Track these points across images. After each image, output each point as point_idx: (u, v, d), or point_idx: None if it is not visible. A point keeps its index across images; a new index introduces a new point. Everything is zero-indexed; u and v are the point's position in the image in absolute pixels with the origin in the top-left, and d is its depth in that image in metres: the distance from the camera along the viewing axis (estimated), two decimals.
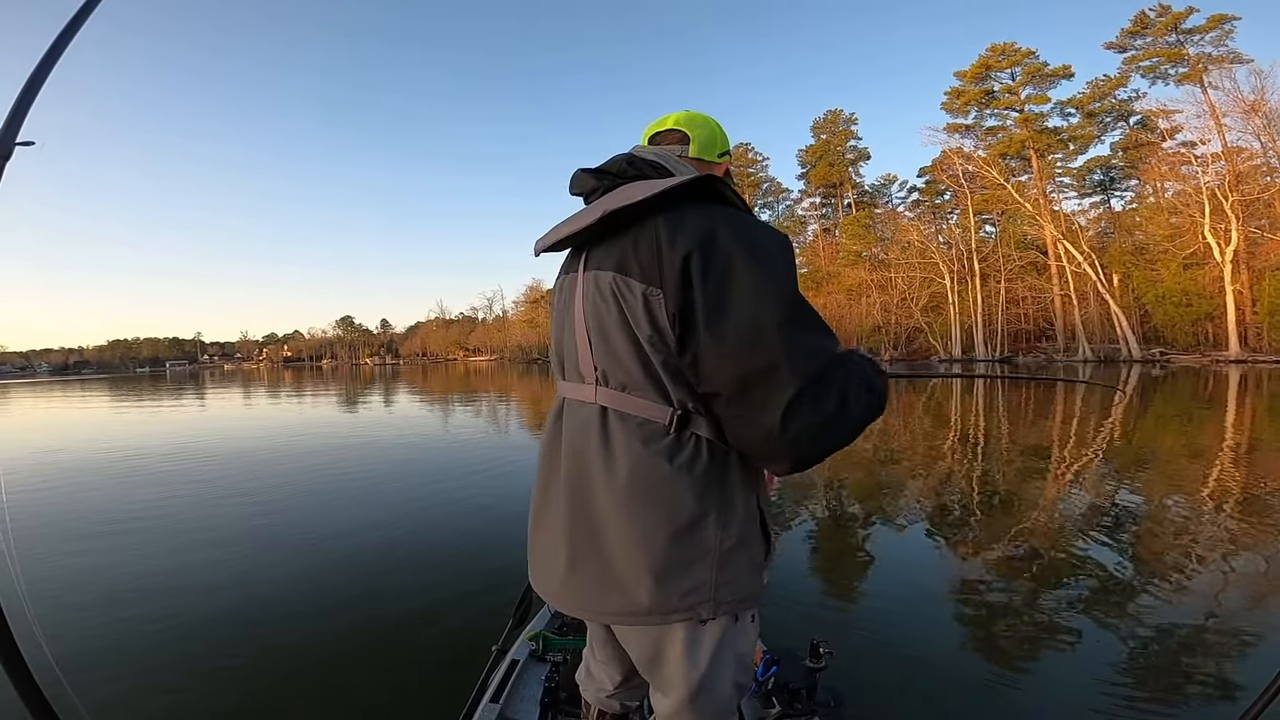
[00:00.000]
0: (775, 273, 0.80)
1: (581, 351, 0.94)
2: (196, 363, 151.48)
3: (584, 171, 1.01)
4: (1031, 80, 33.57)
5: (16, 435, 11.71)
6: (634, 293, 0.85)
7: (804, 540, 4.02)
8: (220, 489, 5.93)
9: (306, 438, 9.76)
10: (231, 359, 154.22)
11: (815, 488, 5.38)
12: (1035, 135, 32.64)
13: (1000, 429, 8.86)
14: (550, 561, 0.97)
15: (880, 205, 47.45)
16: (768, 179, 58.31)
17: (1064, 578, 3.16)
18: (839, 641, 1.80)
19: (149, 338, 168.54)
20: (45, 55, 0.98)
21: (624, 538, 0.87)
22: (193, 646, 2.62)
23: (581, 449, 0.92)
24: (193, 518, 4.80)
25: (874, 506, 4.83)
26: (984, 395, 14.42)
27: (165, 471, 6.83)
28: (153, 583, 3.37)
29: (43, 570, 3.59)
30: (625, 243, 0.88)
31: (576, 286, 0.96)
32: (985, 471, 6.11)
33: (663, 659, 0.95)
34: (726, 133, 1.13)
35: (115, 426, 12.65)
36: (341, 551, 3.85)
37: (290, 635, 2.69)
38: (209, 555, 3.83)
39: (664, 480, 0.86)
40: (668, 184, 0.85)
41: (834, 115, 51.31)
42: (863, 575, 3.40)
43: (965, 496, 5.05)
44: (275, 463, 7.42)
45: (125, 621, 2.88)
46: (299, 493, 5.67)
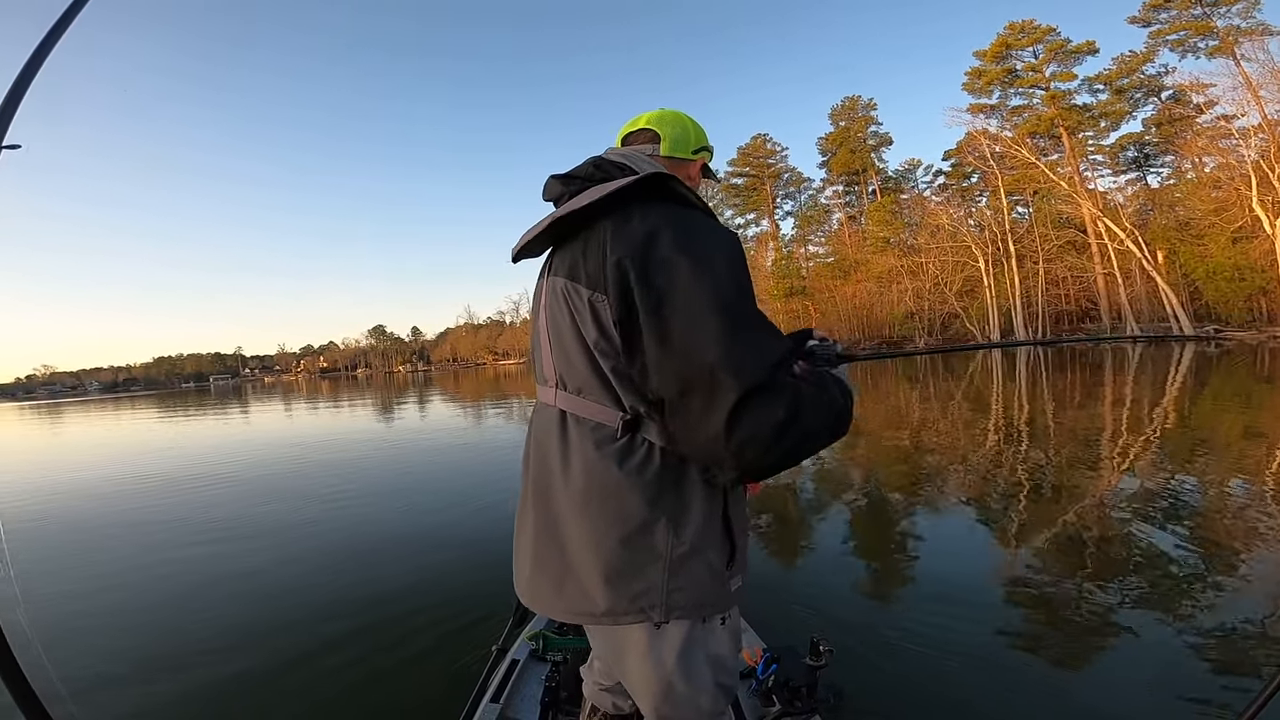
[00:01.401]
0: (714, 276, 0.77)
1: (544, 356, 0.96)
2: (238, 376, 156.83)
3: (554, 178, 1.00)
4: (1055, 57, 32.37)
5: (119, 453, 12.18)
6: (582, 299, 0.85)
7: (802, 534, 4.01)
8: (231, 495, 6.07)
9: (327, 441, 10.06)
10: (271, 371, 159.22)
11: (812, 481, 5.36)
12: (1064, 112, 31.48)
13: (1039, 413, 8.49)
14: (523, 557, 0.99)
15: (905, 191, 46.33)
16: (788, 169, 57.46)
17: (1076, 571, 3.06)
18: (839, 639, 1.79)
19: (192, 354, 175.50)
20: (30, 58, 0.97)
21: (579, 538, 0.88)
22: (187, 645, 2.66)
23: (545, 451, 0.94)
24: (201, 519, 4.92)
25: (877, 499, 4.76)
26: (1027, 378, 13.94)
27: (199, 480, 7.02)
28: (146, 589, 3.46)
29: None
30: (577, 248, 0.88)
31: (543, 292, 0.98)
32: (1006, 459, 5.88)
33: (624, 660, 0.96)
34: (703, 128, 1.12)
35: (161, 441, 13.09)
36: (342, 551, 3.86)
37: (290, 635, 2.70)
38: (207, 551, 3.93)
39: (614, 484, 0.86)
40: (613, 185, 0.84)
41: (852, 101, 50.29)
42: (863, 572, 3.37)
43: (977, 489, 4.87)
44: (275, 470, 7.59)
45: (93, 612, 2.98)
46: (294, 495, 5.78)
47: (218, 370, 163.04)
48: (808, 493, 5.06)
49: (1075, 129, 31.72)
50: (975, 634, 2.49)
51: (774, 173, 57.86)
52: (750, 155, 58.33)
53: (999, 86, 34.16)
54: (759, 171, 57.98)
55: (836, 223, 52.06)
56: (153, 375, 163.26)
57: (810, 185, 56.45)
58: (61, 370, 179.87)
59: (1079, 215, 28.90)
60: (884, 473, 5.64)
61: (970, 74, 35.24)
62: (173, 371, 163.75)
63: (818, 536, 4.01)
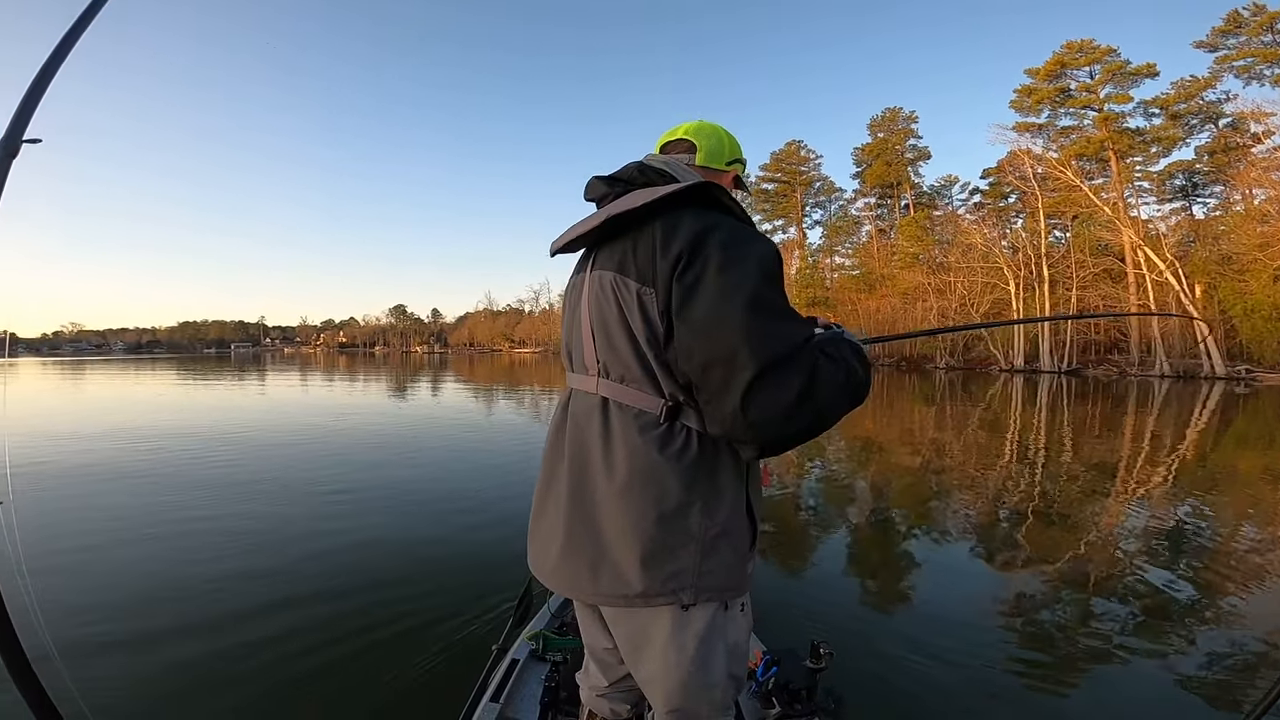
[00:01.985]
0: (745, 268, 0.83)
1: (586, 346, 1.00)
2: (259, 345, 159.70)
3: (598, 179, 1.07)
4: (1112, 79, 31.49)
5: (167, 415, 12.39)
6: (630, 292, 0.91)
7: (806, 541, 4.05)
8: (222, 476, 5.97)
9: (334, 421, 10.01)
10: (291, 343, 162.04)
11: (819, 492, 5.39)
12: (1115, 136, 30.64)
13: (1055, 442, 8.37)
14: (549, 542, 1.01)
15: (940, 207, 45.65)
16: (820, 177, 56.98)
17: (1075, 588, 3.16)
18: (840, 644, 1.80)
19: (216, 320, 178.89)
20: (53, 52, 0.98)
21: (617, 522, 0.91)
22: (186, 644, 2.59)
23: (584, 436, 0.97)
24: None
25: (882, 510, 4.82)
26: (1048, 406, 13.70)
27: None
28: (142, 581, 3.34)
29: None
30: (626, 245, 0.94)
31: (584, 286, 1.02)
32: (1015, 480, 5.86)
33: (646, 648, 0.98)
34: (738, 141, 1.17)
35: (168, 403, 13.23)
36: (340, 552, 3.77)
37: (290, 635, 2.67)
38: (192, 544, 3.82)
39: (655, 468, 0.90)
40: (666, 190, 0.90)
41: (893, 113, 49.65)
42: (866, 581, 3.40)
43: (978, 503, 4.96)
44: (274, 452, 7.40)
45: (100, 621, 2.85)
46: (297, 485, 5.63)
47: (240, 338, 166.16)
48: (814, 502, 5.08)
49: (1125, 153, 30.92)
50: (973, 647, 2.52)
51: (805, 180, 57.38)
52: (783, 161, 57.91)
53: (1049, 105, 33.37)
54: (790, 178, 57.55)
55: (866, 235, 51.42)
56: (176, 339, 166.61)
57: (841, 195, 55.95)
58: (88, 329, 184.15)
59: (1119, 243, 28.21)
60: (891, 489, 5.62)
61: (1020, 91, 34.51)
62: (196, 336, 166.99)
63: (822, 545, 4.05)
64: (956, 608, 2.93)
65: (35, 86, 0.96)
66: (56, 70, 0.99)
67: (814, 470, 6.21)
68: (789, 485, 5.33)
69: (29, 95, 0.95)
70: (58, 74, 0.99)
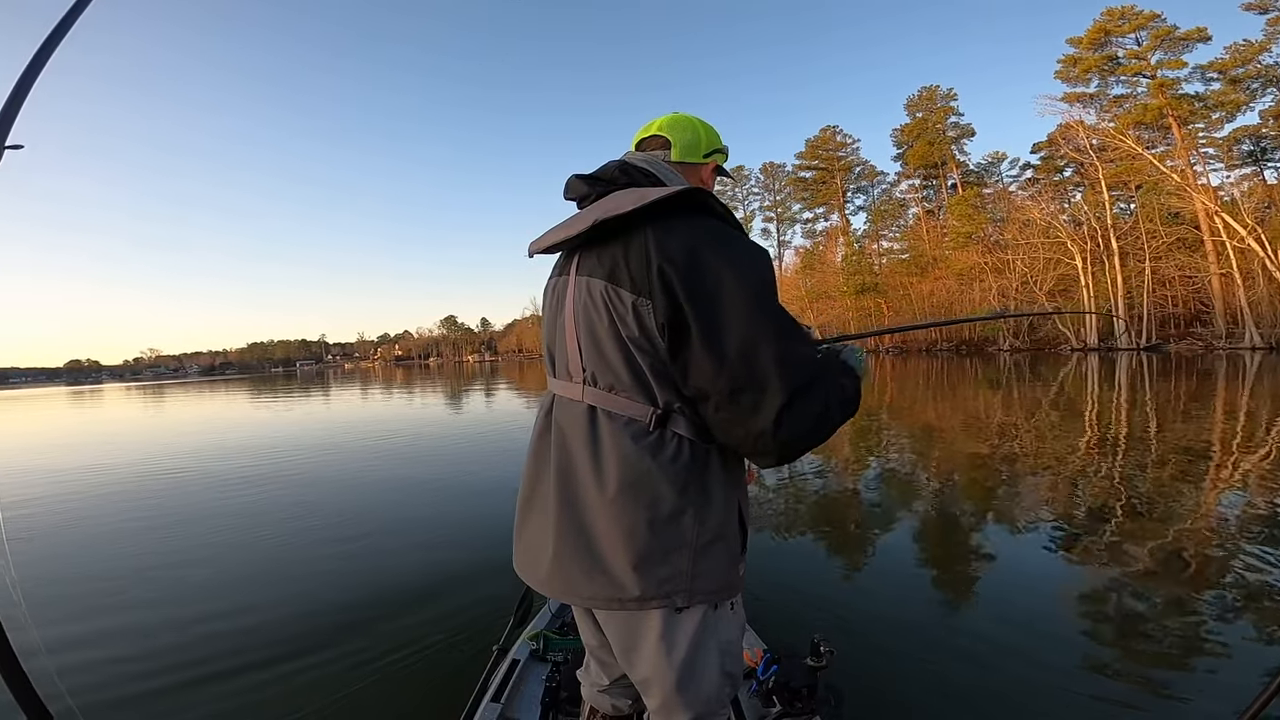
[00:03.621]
0: (757, 288, 0.86)
1: (570, 353, 0.98)
2: (321, 362, 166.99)
3: (578, 178, 1.06)
4: (1161, 45, 29.81)
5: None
6: (624, 302, 0.89)
7: (803, 537, 3.93)
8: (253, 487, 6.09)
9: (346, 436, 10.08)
10: (351, 358, 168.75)
11: (814, 483, 5.31)
12: (1173, 102, 28.96)
13: (1131, 421, 7.81)
14: (539, 549, 1.01)
15: (989, 184, 44.03)
16: (860, 162, 55.77)
17: (1076, 577, 3.10)
18: (840, 640, 1.77)
19: (281, 340, 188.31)
20: (34, 57, 0.97)
21: (610, 528, 0.92)
22: (184, 644, 2.63)
23: (570, 444, 0.97)
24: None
25: (879, 503, 4.71)
26: (1127, 385, 12.91)
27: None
28: (145, 585, 3.45)
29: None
30: (615, 251, 0.92)
31: (568, 290, 1.00)
32: (1034, 463, 5.61)
33: (638, 649, 0.99)
34: (715, 130, 1.16)
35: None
36: (340, 551, 3.83)
37: (290, 635, 2.66)
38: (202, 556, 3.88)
39: (647, 475, 0.91)
40: (655, 195, 0.88)
41: (930, 91, 48.19)
42: (866, 573, 3.33)
43: (994, 495, 4.77)
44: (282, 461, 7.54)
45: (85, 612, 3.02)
46: (311, 488, 5.83)
47: (303, 356, 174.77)
48: (813, 495, 4.99)
49: (1186, 120, 29.22)
50: (976, 639, 2.47)
51: (845, 165, 56.25)
52: (819, 148, 56.93)
53: (1098, 74, 31.88)
54: (829, 165, 56.53)
55: (912, 217, 50.05)
56: (246, 360, 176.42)
57: (884, 179, 54.65)
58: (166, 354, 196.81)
59: (1191, 211, 26.72)
60: (903, 479, 5.48)
61: (1064, 61, 33.04)
62: (264, 356, 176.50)
63: (816, 534, 3.97)
64: (957, 599, 2.90)
65: (16, 91, 0.94)
66: (38, 75, 0.97)
67: (826, 464, 6.12)
68: (796, 480, 5.36)
69: (10, 100, 0.94)
70: (39, 78, 0.98)
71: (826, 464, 6.09)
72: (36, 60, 0.97)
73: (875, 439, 7.70)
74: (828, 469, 5.89)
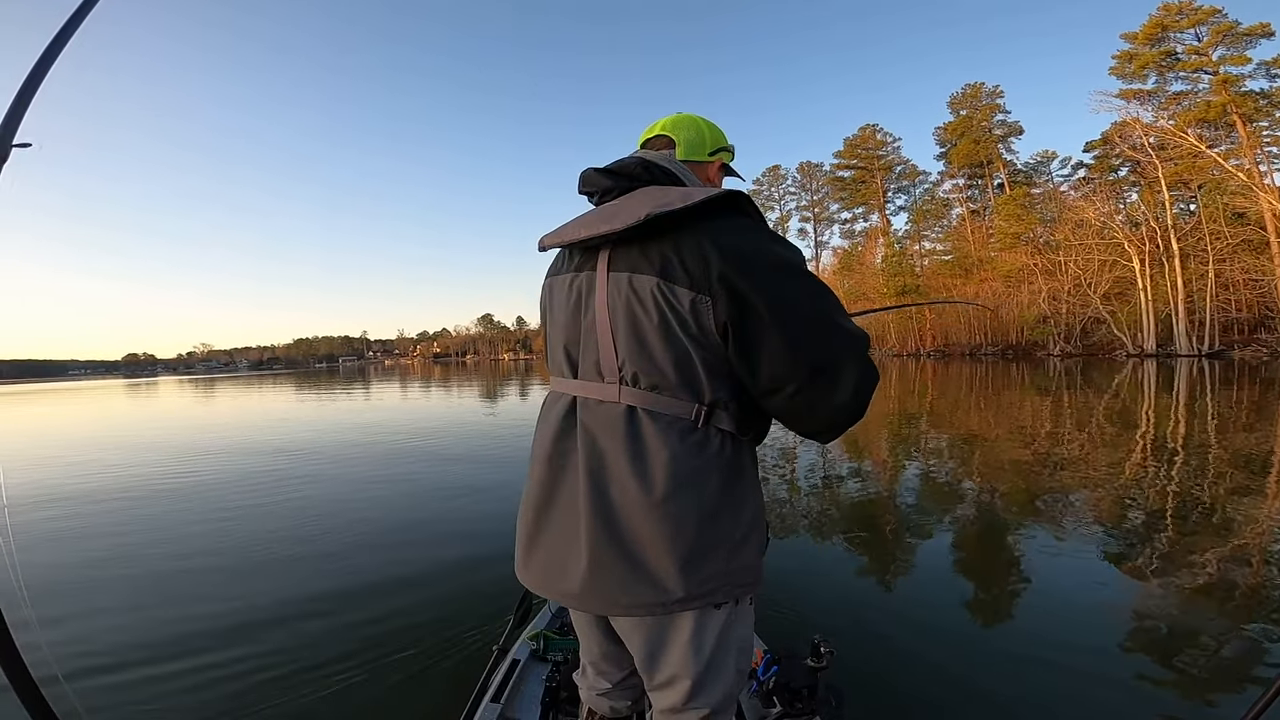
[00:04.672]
0: (813, 278, 0.90)
1: (604, 352, 0.94)
2: (363, 358, 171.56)
3: (597, 171, 1.03)
4: (1222, 40, 28.65)
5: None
6: (680, 300, 0.87)
7: (803, 537, 3.92)
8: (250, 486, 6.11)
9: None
10: (391, 355, 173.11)
11: (817, 484, 5.30)
12: (1237, 99, 27.76)
13: (1188, 430, 7.42)
14: (563, 560, 0.96)
15: (1038, 184, 42.77)
16: (901, 161, 54.86)
17: (1071, 576, 3.10)
18: (841, 640, 1.77)
19: (325, 336, 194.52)
20: (42, 55, 0.98)
21: (655, 530, 0.89)
22: (185, 640, 2.64)
23: (604, 447, 0.92)
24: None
25: (888, 506, 4.63)
26: (1187, 393, 12.31)
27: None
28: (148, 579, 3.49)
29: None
30: (664, 249, 0.89)
31: (598, 287, 0.95)
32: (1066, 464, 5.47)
33: (670, 649, 0.98)
34: (720, 129, 1.16)
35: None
36: (339, 554, 3.80)
37: (289, 635, 2.67)
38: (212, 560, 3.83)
39: (696, 473, 0.90)
40: (700, 196, 0.88)
41: (974, 89, 47.09)
42: (868, 573, 3.30)
43: (989, 492, 4.77)
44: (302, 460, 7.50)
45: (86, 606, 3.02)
46: (302, 486, 5.78)
47: (346, 352, 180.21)
48: (816, 496, 4.96)
49: (1251, 117, 27.98)
50: (978, 639, 2.48)
51: (885, 165, 55.40)
52: (858, 147, 56.18)
53: (1155, 70, 30.78)
54: (868, 164, 55.74)
55: (956, 218, 48.93)
56: (292, 355, 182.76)
57: (926, 178, 53.60)
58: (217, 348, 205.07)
59: (1257, 211, 25.58)
60: (921, 480, 5.44)
61: (1119, 57, 31.99)
62: (309, 352, 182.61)
63: (814, 534, 3.96)
64: (964, 605, 2.86)
65: (25, 90, 0.95)
66: (46, 73, 0.97)
67: (836, 466, 6.12)
68: (798, 482, 5.36)
69: (18, 99, 0.94)
70: (48, 76, 0.98)
71: (836, 465, 6.07)
72: (44, 60, 0.97)
73: (898, 442, 7.65)
74: (836, 470, 5.86)
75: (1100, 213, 30.19)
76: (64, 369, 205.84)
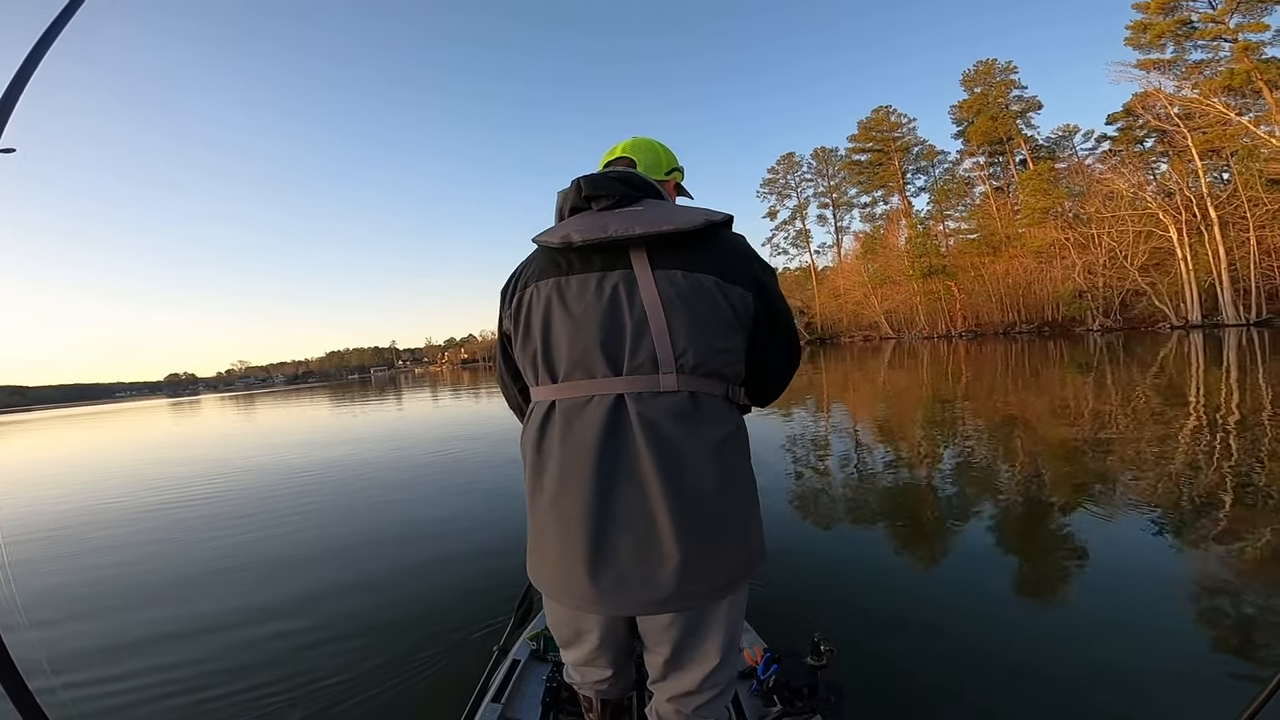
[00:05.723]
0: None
1: (660, 343, 0.95)
2: (394, 368, 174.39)
3: (612, 178, 1.06)
4: (1238, 8, 27.66)
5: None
6: (737, 295, 1.00)
7: (803, 538, 3.75)
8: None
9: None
10: (420, 363, 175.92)
11: (820, 478, 5.13)
12: (1261, 66, 26.83)
13: (1240, 405, 6.94)
14: (646, 569, 0.92)
15: (1062, 158, 41.58)
16: (918, 142, 53.86)
17: (1052, 567, 3.03)
18: (841, 639, 1.76)
19: (356, 349, 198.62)
20: (25, 60, 0.98)
21: (728, 511, 0.95)
22: (184, 649, 2.64)
23: (674, 435, 0.93)
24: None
25: (886, 499, 4.44)
26: (1237, 365, 11.51)
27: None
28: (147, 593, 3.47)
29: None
30: (711, 252, 1.00)
31: (643, 283, 0.98)
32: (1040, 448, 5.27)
33: (700, 635, 1.00)
34: (673, 151, 1.30)
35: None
36: (338, 553, 3.84)
37: (289, 635, 2.67)
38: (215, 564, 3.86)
39: (739, 450, 1.00)
40: (726, 213, 1.03)
41: (987, 65, 45.98)
42: (870, 572, 3.16)
43: (986, 485, 4.56)
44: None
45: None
46: (293, 495, 5.77)
47: (376, 363, 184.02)
48: (819, 492, 4.78)
49: (1276, 83, 26.95)
50: (975, 631, 2.42)
51: (902, 146, 54.49)
52: (873, 129, 55.33)
53: (1171, 39, 29.78)
54: (884, 146, 54.87)
55: (979, 196, 47.92)
56: (325, 368, 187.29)
57: (945, 158, 52.55)
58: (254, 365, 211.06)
59: None
60: (914, 468, 5.26)
61: (1133, 27, 31.04)
62: (341, 364, 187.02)
63: (825, 538, 3.79)
64: (959, 595, 2.80)
65: (9, 93, 0.95)
66: (29, 78, 0.97)
67: (850, 455, 5.97)
68: (803, 473, 5.27)
69: (2, 102, 0.94)
70: (31, 81, 0.97)
71: (851, 456, 5.89)
72: (27, 65, 0.97)
73: (913, 430, 7.35)
74: (849, 462, 5.69)
75: (1131, 184, 29.32)
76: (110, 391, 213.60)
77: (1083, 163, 39.25)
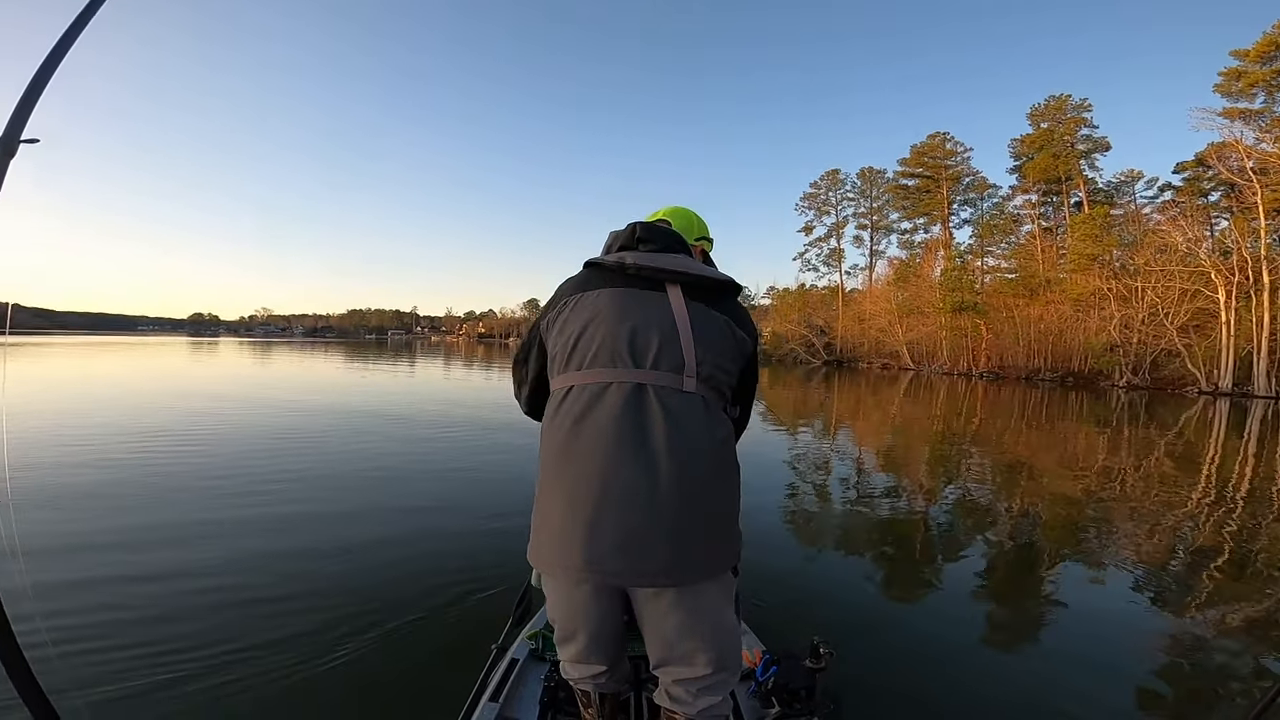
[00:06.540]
0: None
1: (687, 353, 1.15)
2: (411, 333, 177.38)
3: (665, 231, 1.33)
4: None
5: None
6: (741, 336, 1.25)
7: (803, 540, 4.02)
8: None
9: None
10: (437, 332, 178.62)
11: (821, 494, 5.38)
12: None
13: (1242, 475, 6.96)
14: (645, 538, 1.04)
15: (1120, 204, 40.18)
16: (970, 172, 52.51)
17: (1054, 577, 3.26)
18: (840, 642, 1.80)
19: (377, 309, 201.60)
20: (51, 51, 0.99)
21: (722, 496, 1.14)
22: (183, 642, 2.56)
23: (689, 428, 1.11)
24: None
25: (887, 512, 4.78)
26: (1258, 437, 11.39)
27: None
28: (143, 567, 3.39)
29: None
30: (728, 304, 1.26)
31: (674, 304, 1.20)
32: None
33: (706, 612, 1.13)
34: (705, 221, 1.51)
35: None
36: (337, 553, 3.73)
37: (289, 635, 2.64)
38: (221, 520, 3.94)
39: (731, 451, 1.19)
40: (730, 278, 1.27)
41: (1059, 101, 44.39)
42: (867, 579, 3.35)
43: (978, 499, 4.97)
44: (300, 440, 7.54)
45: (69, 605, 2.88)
46: (313, 481, 5.62)
47: (395, 326, 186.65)
48: (818, 503, 5.09)
49: None
50: (974, 635, 2.58)
51: (953, 175, 53.17)
52: (925, 155, 54.08)
53: (1263, 89, 28.45)
54: (935, 173, 53.61)
55: (1025, 235, 46.52)
56: (344, 325, 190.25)
57: (996, 192, 51.17)
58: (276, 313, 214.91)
59: None
60: (915, 490, 5.59)
61: (1226, 75, 29.58)
62: (360, 323, 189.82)
63: (823, 544, 4.05)
64: (959, 611, 2.96)
65: (33, 86, 0.96)
66: (55, 69, 0.99)
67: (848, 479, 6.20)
68: (802, 489, 5.49)
69: (26, 94, 0.95)
70: (56, 72, 0.99)
71: (855, 479, 6.17)
72: (53, 56, 0.99)
73: (923, 460, 7.61)
74: (851, 483, 5.97)
75: (1188, 238, 28.12)
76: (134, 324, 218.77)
77: (1140, 211, 37.88)
